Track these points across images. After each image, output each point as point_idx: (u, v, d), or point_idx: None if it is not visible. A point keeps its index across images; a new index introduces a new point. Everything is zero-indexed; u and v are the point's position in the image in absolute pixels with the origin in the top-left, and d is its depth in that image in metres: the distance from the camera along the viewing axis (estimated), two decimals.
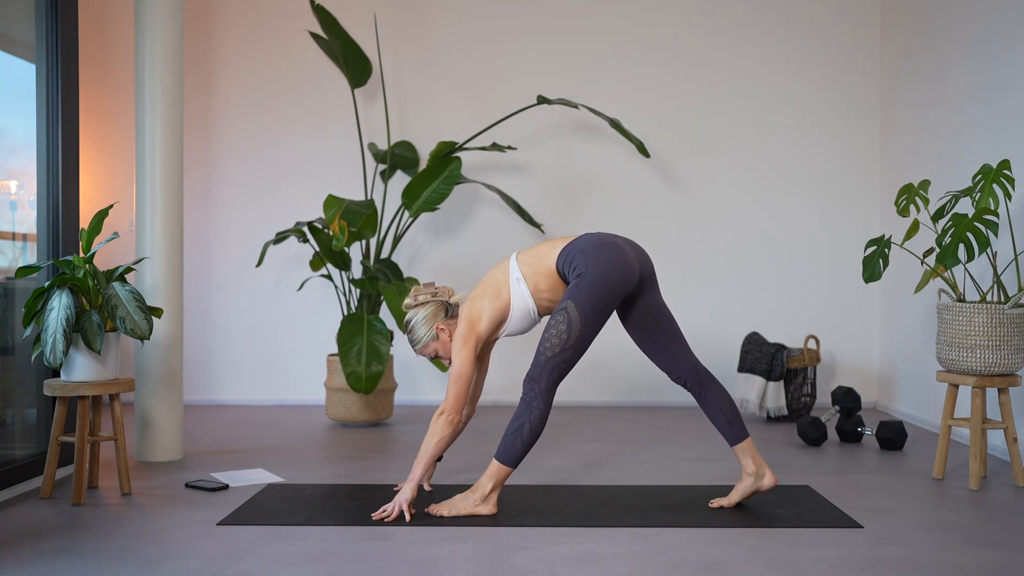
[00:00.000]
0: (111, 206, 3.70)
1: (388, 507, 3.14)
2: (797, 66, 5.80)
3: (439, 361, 3.46)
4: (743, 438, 3.28)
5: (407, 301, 3.36)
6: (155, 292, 4.06)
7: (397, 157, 5.55)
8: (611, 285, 3.09)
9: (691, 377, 3.30)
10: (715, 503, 3.31)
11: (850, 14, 5.79)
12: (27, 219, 3.87)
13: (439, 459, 3.53)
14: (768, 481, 3.28)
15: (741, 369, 5.35)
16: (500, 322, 3.26)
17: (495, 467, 3.15)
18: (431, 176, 5.09)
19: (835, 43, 5.79)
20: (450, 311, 3.35)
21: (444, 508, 3.16)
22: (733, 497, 3.30)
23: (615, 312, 3.27)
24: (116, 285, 3.42)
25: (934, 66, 5.00)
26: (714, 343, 5.77)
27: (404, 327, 3.39)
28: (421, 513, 3.18)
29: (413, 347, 3.37)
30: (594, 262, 3.10)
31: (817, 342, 5.39)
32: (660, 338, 3.29)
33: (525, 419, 3.09)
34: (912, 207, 4.41)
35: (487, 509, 3.16)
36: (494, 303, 3.23)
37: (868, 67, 5.78)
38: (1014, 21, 4.22)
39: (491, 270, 3.33)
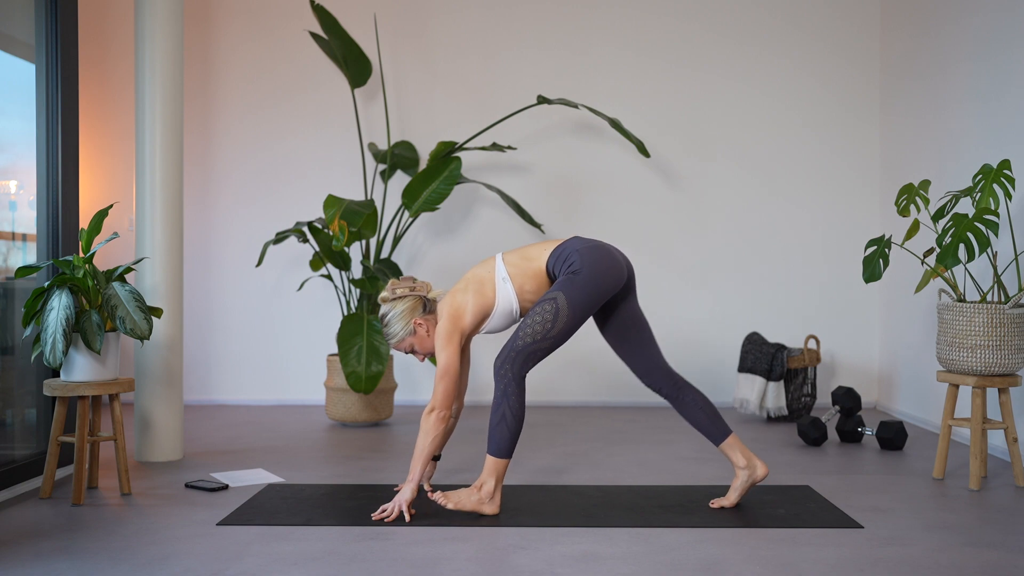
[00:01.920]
0: (111, 206, 3.71)
1: (388, 507, 3.14)
2: (797, 66, 5.80)
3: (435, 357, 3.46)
4: (727, 434, 3.29)
5: (384, 294, 3.33)
6: (155, 292, 4.06)
7: (397, 157, 5.54)
8: (601, 285, 3.14)
9: (666, 382, 3.31)
10: (715, 503, 3.31)
11: (850, 14, 5.79)
12: (27, 219, 3.86)
13: (438, 458, 3.53)
14: (761, 472, 3.30)
15: (741, 369, 5.35)
16: (483, 318, 3.25)
17: (491, 462, 3.15)
18: (431, 176, 5.09)
19: (835, 43, 5.79)
20: (428, 306, 3.33)
21: (448, 501, 3.14)
22: (732, 496, 3.30)
23: (592, 318, 3.31)
24: (116, 285, 3.42)
25: (934, 66, 5.00)
26: (714, 343, 5.77)
27: (379, 320, 3.36)
28: (421, 513, 3.18)
29: (388, 341, 3.34)
30: (589, 261, 3.15)
31: (817, 342, 5.39)
32: (636, 343, 3.31)
33: (504, 408, 3.10)
34: (912, 207, 4.40)
35: (491, 509, 3.16)
36: (477, 298, 3.22)
37: (868, 67, 5.78)
38: (1014, 21, 4.22)
39: (473, 268, 3.34)
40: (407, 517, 3.11)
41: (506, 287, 3.22)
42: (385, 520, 3.11)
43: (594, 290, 3.13)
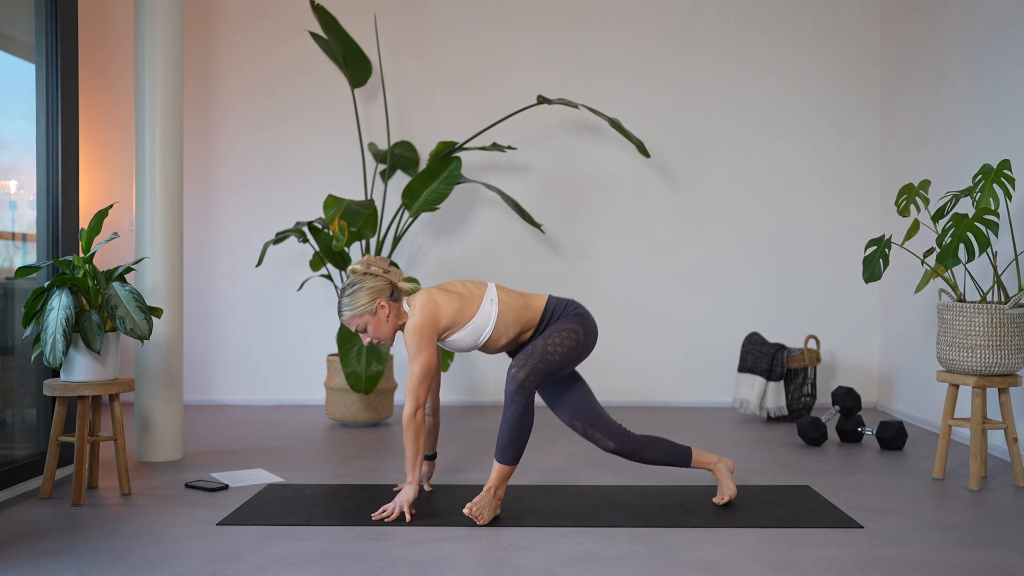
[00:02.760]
0: (111, 206, 3.71)
1: (388, 507, 3.14)
2: (797, 66, 5.80)
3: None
4: (691, 449, 3.38)
5: (356, 266, 3.23)
6: (155, 292, 4.06)
7: (397, 157, 5.55)
8: (595, 335, 3.31)
9: (625, 438, 3.32)
10: (720, 501, 3.32)
11: (850, 14, 5.79)
12: (27, 219, 3.87)
13: (434, 456, 3.53)
14: (729, 461, 3.45)
15: (741, 369, 5.35)
16: (455, 327, 3.21)
17: (505, 470, 3.15)
18: (431, 176, 5.09)
19: (835, 43, 5.79)
20: (394, 293, 3.25)
21: (482, 517, 3.11)
22: (730, 485, 3.35)
23: (551, 407, 3.40)
24: (116, 285, 3.42)
25: (934, 66, 5.00)
26: (714, 343, 5.77)
27: (343, 291, 3.23)
28: (421, 513, 3.18)
29: (343, 311, 3.19)
30: (587, 313, 3.34)
31: (817, 342, 5.39)
32: (598, 412, 3.34)
33: (526, 421, 3.14)
34: (912, 207, 4.40)
35: (498, 511, 3.18)
36: (459, 305, 3.20)
37: (868, 67, 5.78)
38: (1014, 21, 4.22)
39: (463, 280, 3.34)
40: (408, 517, 3.11)
41: (491, 308, 3.22)
42: (385, 520, 3.11)
43: (593, 336, 3.29)
